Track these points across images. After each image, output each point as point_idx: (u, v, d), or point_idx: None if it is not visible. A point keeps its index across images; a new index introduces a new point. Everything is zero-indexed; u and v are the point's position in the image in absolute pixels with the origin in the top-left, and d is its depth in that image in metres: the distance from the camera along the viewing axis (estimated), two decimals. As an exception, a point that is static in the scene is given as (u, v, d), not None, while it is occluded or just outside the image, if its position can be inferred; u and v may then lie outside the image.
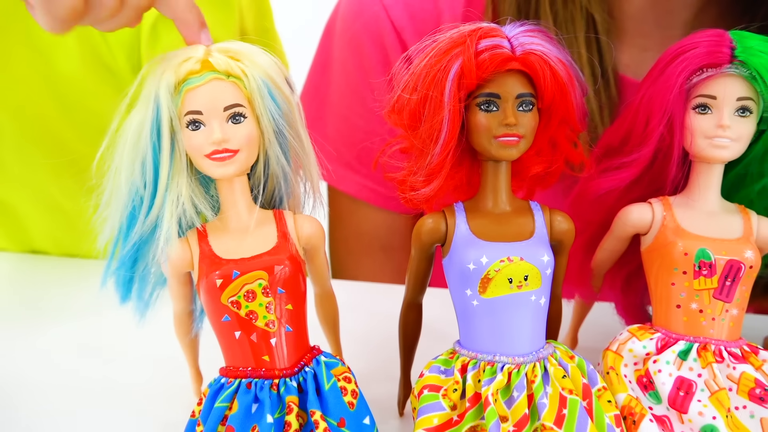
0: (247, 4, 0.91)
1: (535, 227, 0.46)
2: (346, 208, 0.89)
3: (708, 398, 0.43)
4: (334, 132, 0.84)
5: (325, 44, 0.85)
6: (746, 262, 0.45)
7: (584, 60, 0.70)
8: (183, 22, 0.46)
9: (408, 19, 0.77)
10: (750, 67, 0.45)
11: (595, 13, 0.71)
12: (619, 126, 0.52)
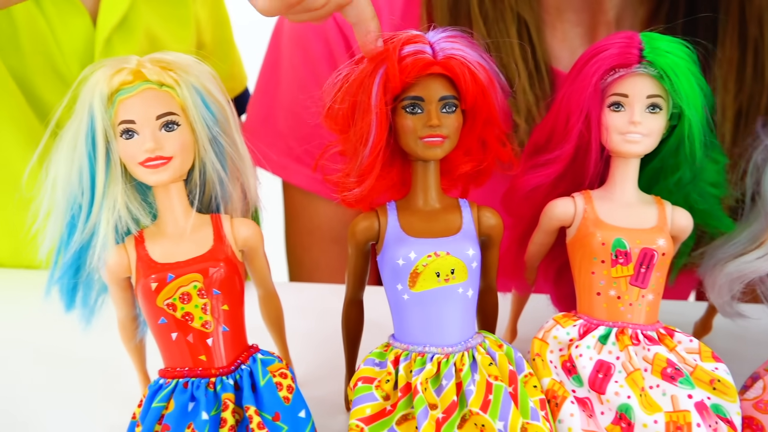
0: (206, 17, 0.93)
1: (463, 223, 0.48)
2: (299, 202, 0.91)
3: (624, 379, 0.46)
4: (285, 127, 0.86)
5: (275, 42, 0.87)
6: (659, 250, 0.48)
7: (518, 56, 0.73)
8: (365, 30, 0.47)
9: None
10: (657, 66, 0.48)
11: (523, 11, 0.74)
12: (545, 124, 0.55)
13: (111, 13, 0.81)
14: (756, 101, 0.71)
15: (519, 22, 0.74)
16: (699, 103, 0.48)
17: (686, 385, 0.45)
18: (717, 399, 0.46)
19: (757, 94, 0.71)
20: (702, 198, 0.55)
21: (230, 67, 0.98)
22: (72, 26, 0.80)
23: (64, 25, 0.80)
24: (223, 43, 0.96)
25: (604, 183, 0.53)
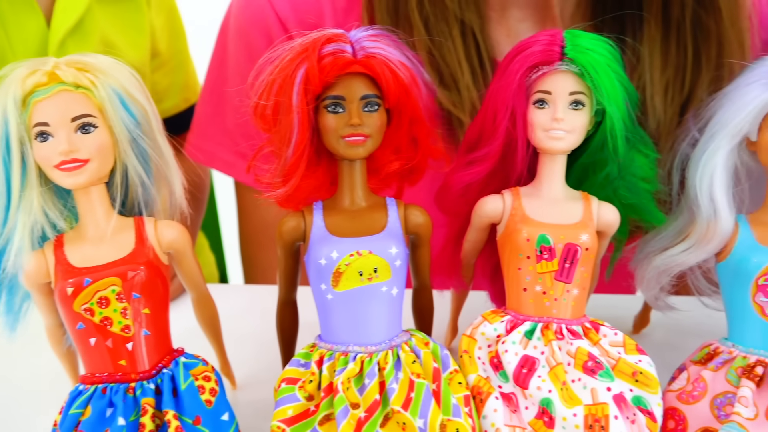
0: (161, 26, 0.92)
1: (388, 222, 0.48)
2: (250, 201, 0.91)
3: (547, 373, 0.46)
4: (233, 125, 0.85)
5: (221, 40, 0.87)
6: (582, 245, 0.49)
7: (461, 54, 0.73)
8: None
9: (291, 11, 0.79)
10: (578, 63, 0.48)
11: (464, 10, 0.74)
12: (476, 121, 0.55)
13: (66, 15, 0.80)
14: (681, 76, 0.74)
15: (461, 21, 0.75)
16: (620, 99, 0.49)
17: (606, 378, 0.45)
18: (639, 391, 0.46)
19: (681, 68, 0.74)
20: (633, 193, 0.56)
21: (185, 76, 0.98)
22: (26, 26, 0.79)
23: (18, 25, 0.78)
24: (178, 53, 0.96)
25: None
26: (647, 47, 0.75)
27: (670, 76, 0.75)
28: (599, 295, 0.65)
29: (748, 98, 0.49)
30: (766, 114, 0.49)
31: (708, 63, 0.73)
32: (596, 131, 0.52)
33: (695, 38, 0.74)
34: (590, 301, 0.63)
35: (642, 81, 0.75)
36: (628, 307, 0.71)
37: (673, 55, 0.74)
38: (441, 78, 0.74)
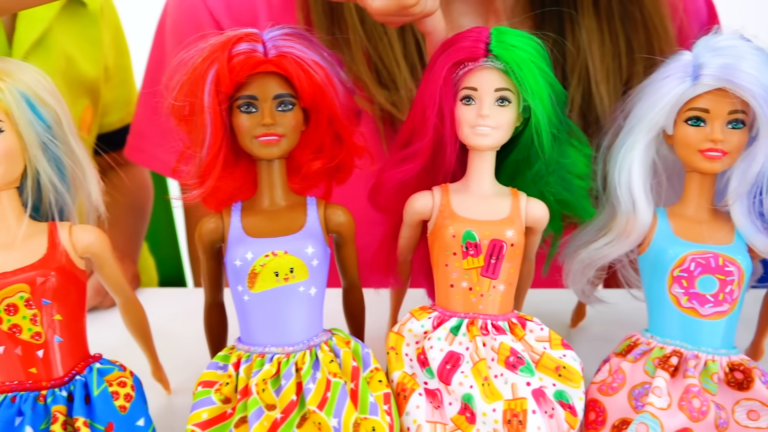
0: (109, 42, 0.93)
1: (306, 221, 0.48)
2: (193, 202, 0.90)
3: (470, 369, 0.46)
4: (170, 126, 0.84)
5: (158, 40, 0.86)
6: (507, 241, 0.49)
7: (398, 53, 0.73)
8: (437, 42, 0.52)
9: (225, 10, 0.78)
10: (502, 60, 0.48)
11: None
12: (408, 118, 0.55)
13: (28, 32, 0.80)
14: (618, 63, 0.77)
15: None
16: (545, 96, 0.49)
17: (526, 373, 0.46)
18: (562, 385, 0.47)
19: (617, 56, 0.77)
20: (566, 189, 0.56)
21: (129, 91, 0.98)
22: None
23: None
24: (122, 69, 0.97)
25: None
26: (585, 37, 0.77)
27: (609, 64, 0.77)
28: (538, 290, 0.65)
29: (663, 92, 0.49)
30: (680, 108, 0.49)
31: (639, 50, 0.76)
32: (525, 128, 0.52)
33: (624, 26, 0.77)
34: (530, 296, 0.64)
35: (585, 70, 0.76)
36: (566, 301, 0.71)
37: (608, 43, 0.77)
38: (379, 78, 0.74)
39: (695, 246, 0.49)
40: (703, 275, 0.48)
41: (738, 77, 0.47)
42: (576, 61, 0.77)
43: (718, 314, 0.48)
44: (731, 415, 0.46)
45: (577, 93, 0.77)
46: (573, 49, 0.77)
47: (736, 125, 0.48)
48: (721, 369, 0.47)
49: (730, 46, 0.49)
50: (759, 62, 0.48)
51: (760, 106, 0.46)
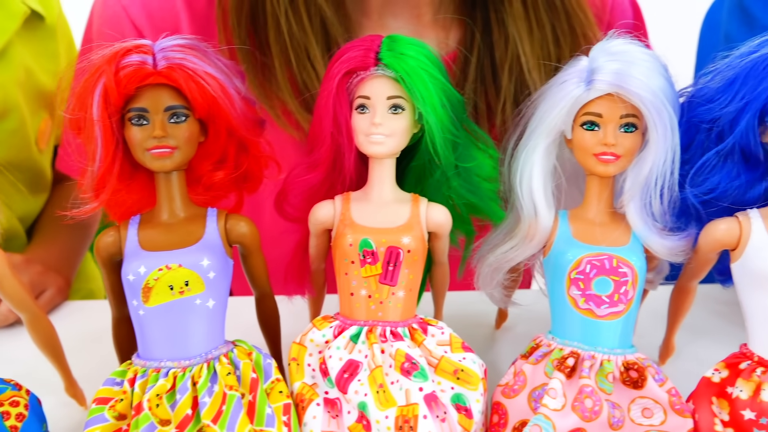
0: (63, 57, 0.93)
1: (204, 233, 0.48)
2: None
3: (367, 377, 0.46)
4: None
5: (84, 49, 0.85)
6: (404, 248, 0.49)
7: (319, 62, 0.73)
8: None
9: (146, 19, 0.78)
10: (392, 68, 0.49)
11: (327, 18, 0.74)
12: (310, 128, 0.55)
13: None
14: (546, 51, 0.78)
15: (324, 34, 0.74)
16: (436, 103, 0.49)
17: (419, 378, 0.46)
18: (460, 388, 0.47)
19: (545, 43, 0.78)
20: (474, 193, 0.57)
21: None
22: None
23: None
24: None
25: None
26: (513, 26, 0.78)
27: (539, 52, 0.79)
28: (464, 293, 0.66)
29: (559, 96, 0.50)
30: (576, 112, 0.50)
31: (564, 38, 0.78)
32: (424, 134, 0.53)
33: (549, 14, 0.78)
34: (455, 299, 0.64)
35: (517, 59, 0.78)
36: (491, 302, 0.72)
37: (536, 30, 0.78)
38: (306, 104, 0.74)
39: (591, 248, 0.49)
40: (599, 277, 0.49)
41: (628, 83, 0.48)
42: (506, 52, 0.78)
43: (613, 315, 0.49)
44: (627, 413, 0.47)
45: (510, 83, 0.78)
46: (502, 39, 0.78)
47: (629, 129, 0.49)
48: (617, 368, 0.48)
49: (623, 51, 0.49)
50: (650, 68, 0.49)
51: (649, 111, 0.47)
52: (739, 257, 0.48)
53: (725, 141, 0.47)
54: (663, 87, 0.48)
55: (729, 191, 0.49)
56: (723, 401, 0.46)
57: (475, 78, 0.79)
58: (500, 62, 0.79)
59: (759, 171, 0.49)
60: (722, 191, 0.49)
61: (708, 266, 0.52)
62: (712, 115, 0.48)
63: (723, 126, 0.47)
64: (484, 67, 0.80)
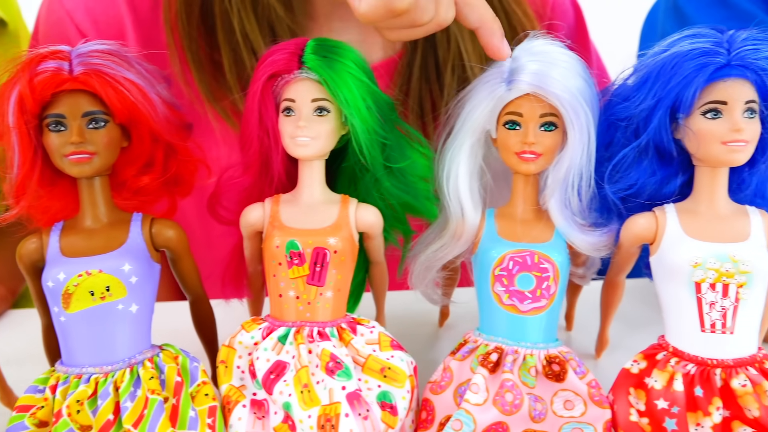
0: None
1: (128, 238, 0.48)
2: None
3: (292, 377, 0.47)
4: None
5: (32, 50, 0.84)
6: (330, 248, 0.50)
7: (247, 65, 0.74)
8: (489, 32, 0.50)
9: (90, 23, 0.78)
10: (315, 71, 0.49)
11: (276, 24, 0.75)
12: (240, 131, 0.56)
13: None
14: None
15: (273, 33, 0.75)
16: (361, 106, 0.50)
17: (342, 377, 0.46)
18: (387, 386, 0.48)
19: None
20: (408, 192, 0.57)
21: None
22: None
23: None
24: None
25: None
26: (455, 25, 0.79)
27: (480, 50, 0.79)
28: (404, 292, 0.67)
29: (481, 96, 0.51)
30: (499, 111, 0.51)
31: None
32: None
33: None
34: (400, 297, 0.65)
35: (459, 58, 0.79)
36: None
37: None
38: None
39: (514, 245, 0.50)
40: (521, 273, 0.50)
41: (547, 83, 0.49)
42: (448, 51, 0.79)
43: (536, 310, 0.50)
44: (550, 406, 0.48)
45: (453, 81, 0.79)
46: (445, 39, 0.79)
47: (548, 128, 0.50)
48: (539, 362, 0.49)
49: (543, 52, 0.51)
50: (569, 68, 0.50)
51: (566, 111, 0.48)
52: (656, 251, 0.49)
53: (640, 138, 0.49)
54: (581, 87, 0.49)
55: (646, 187, 0.50)
56: (640, 391, 0.47)
57: (419, 77, 0.80)
58: (443, 61, 0.80)
59: (674, 167, 0.50)
60: (640, 187, 0.50)
61: (631, 260, 0.53)
62: (628, 113, 0.49)
63: (638, 123, 0.49)
64: (428, 66, 0.81)
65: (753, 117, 0.47)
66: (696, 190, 0.49)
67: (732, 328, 0.47)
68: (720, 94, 0.46)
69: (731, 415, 0.45)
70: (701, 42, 0.47)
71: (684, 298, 0.47)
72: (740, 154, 0.47)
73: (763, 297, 0.48)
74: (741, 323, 0.47)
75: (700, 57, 0.47)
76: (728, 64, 0.46)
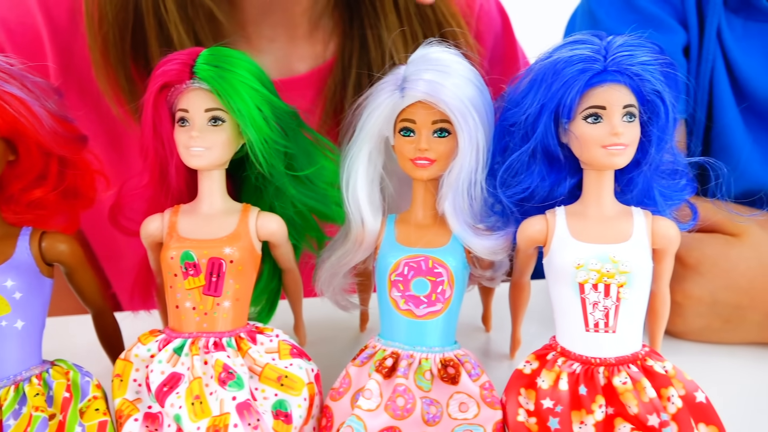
0: None
1: (13, 253, 0.47)
2: None
3: (185, 389, 0.47)
4: None
5: None
6: (226, 258, 0.50)
7: None
8: None
9: (5, 35, 0.76)
10: (206, 81, 0.49)
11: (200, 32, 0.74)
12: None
13: None
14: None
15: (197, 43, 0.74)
16: (256, 116, 0.50)
17: (234, 387, 0.46)
18: (283, 394, 0.48)
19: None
20: (317, 199, 0.58)
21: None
22: None
23: None
24: None
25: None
26: (389, 39, 0.80)
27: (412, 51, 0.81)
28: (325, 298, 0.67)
29: (376, 103, 0.52)
30: (395, 118, 0.52)
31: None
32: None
33: (422, 27, 0.81)
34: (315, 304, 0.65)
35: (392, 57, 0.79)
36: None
37: (410, 39, 0.80)
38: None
39: (409, 250, 0.51)
40: (416, 278, 0.50)
41: (438, 90, 0.49)
42: (382, 64, 0.79)
43: (432, 314, 0.50)
44: (446, 408, 0.48)
45: None
46: (379, 53, 0.80)
47: (441, 134, 0.51)
48: (434, 366, 0.49)
49: (436, 60, 0.51)
50: (460, 76, 0.50)
51: (456, 118, 0.49)
52: (547, 253, 0.50)
53: (528, 143, 0.50)
54: (471, 94, 0.50)
55: (538, 191, 0.51)
56: (531, 391, 0.48)
57: (354, 90, 0.81)
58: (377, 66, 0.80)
59: (563, 171, 0.51)
60: (532, 192, 0.51)
61: (530, 262, 0.54)
62: (517, 118, 0.50)
63: (526, 129, 0.50)
64: (362, 78, 0.81)
65: (632, 121, 0.48)
66: (584, 193, 0.51)
67: (614, 327, 0.48)
68: (599, 99, 0.48)
69: (615, 412, 0.47)
70: (581, 48, 0.49)
71: (569, 299, 0.48)
72: (619, 157, 0.48)
73: (645, 296, 0.49)
74: (623, 322, 0.48)
75: (578, 63, 0.48)
76: (605, 70, 0.48)
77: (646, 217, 0.50)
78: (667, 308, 0.54)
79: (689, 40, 0.75)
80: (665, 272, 0.52)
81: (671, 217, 0.53)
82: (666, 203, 0.54)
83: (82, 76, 0.77)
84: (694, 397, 0.48)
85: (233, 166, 0.55)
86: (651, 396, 0.46)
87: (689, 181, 0.56)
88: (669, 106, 0.50)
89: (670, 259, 0.51)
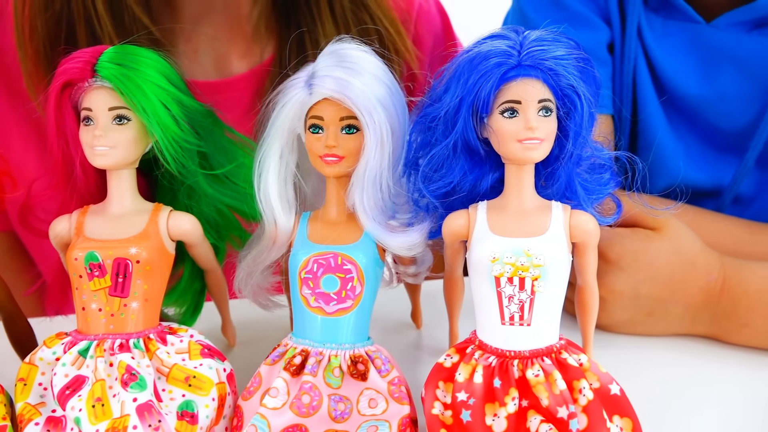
0: None
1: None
2: None
3: (87, 392, 0.46)
4: None
5: None
6: (132, 258, 0.49)
7: None
8: None
9: None
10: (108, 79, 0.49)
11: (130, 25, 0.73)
12: None
13: None
14: None
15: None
16: (162, 114, 0.49)
17: (135, 389, 0.46)
18: (191, 395, 0.47)
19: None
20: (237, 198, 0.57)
21: None
22: None
23: None
24: None
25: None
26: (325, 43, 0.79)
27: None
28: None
29: (286, 99, 0.51)
30: (305, 115, 0.51)
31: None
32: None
33: (360, 33, 0.80)
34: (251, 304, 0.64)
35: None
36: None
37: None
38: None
39: (319, 247, 0.51)
40: (326, 275, 0.50)
41: (343, 87, 0.49)
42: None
43: (342, 311, 0.50)
44: (356, 405, 0.48)
45: None
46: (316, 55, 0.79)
47: (350, 131, 0.51)
48: (344, 362, 0.49)
49: (344, 57, 0.51)
50: (367, 72, 0.50)
51: (362, 114, 0.49)
52: (469, 248, 0.50)
53: (449, 138, 0.50)
54: (378, 91, 0.50)
55: (462, 186, 0.51)
56: (449, 384, 0.48)
57: None
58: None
59: (485, 165, 0.51)
60: (455, 186, 0.51)
61: (458, 257, 0.54)
62: (437, 113, 0.50)
63: (447, 123, 0.50)
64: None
65: (548, 115, 0.49)
66: (506, 187, 0.51)
67: (529, 320, 0.48)
68: (514, 94, 0.48)
69: (528, 405, 0.47)
70: (497, 42, 0.49)
71: (486, 292, 0.48)
72: (535, 151, 0.48)
73: (561, 290, 0.49)
74: (538, 315, 0.48)
75: (494, 57, 0.48)
76: (519, 65, 0.48)
77: (565, 211, 0.50)
78: (596, 301, 0.54)
79: (613, 38, 0.76)
80: (589, 265, 0.52)
81: (592, 211, 0.54)
82: (589, 197, 0.54)
83: (11, 77, 0.76)
84: (608, 390, 0.48)
85: (147, 166, 0.54)
86: (561, 388, 0.47)
87: (613, 176, 0.56)
88: (585, 100, 0.50)
89: (593, 253, 0.52)
